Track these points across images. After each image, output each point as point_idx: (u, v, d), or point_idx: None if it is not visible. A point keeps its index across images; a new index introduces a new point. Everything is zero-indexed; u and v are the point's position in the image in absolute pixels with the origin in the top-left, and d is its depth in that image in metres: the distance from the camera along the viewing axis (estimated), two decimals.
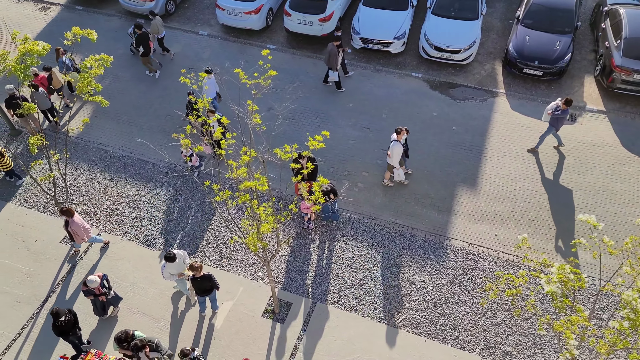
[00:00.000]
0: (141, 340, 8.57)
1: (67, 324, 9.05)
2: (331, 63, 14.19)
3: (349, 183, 12.56)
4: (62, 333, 9.14)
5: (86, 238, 10.74)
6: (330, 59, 14.14)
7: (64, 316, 9.02)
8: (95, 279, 9.45)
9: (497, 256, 11.14)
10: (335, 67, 14.24)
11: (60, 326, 9.00)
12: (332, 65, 14.23)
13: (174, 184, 12.76)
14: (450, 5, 15.84)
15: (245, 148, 7.89)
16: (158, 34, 15.81)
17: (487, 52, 16.14)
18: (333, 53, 14.01)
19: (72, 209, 10.39)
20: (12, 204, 12.52)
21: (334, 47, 13.98)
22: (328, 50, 14.11)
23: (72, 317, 9.16)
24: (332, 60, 14.11)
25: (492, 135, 13.57)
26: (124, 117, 14.60)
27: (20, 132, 14.25)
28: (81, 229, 10.51)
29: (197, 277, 9.25)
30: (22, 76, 9.40)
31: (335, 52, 14.00)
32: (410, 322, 10.17)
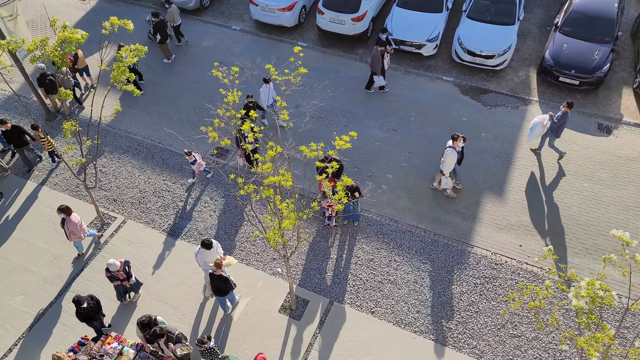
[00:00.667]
0: (161, 329, 8.68)
1: (90, 310, 9.25)
2: (374, 67, 14.05)
3: (373, 184, 12.48)
4: (86, 319, 9.36)
5: (83, 236, 10.81)
6: (373, 63, 14.01)
7: (86, 302, 9.22)
8: (115, 262, 9.63)
9: (520, 267, 10.90)
10: (379, 71, 14.10)
11: (83, 313, 9.21)
12: (375, 69, 14.08)
13: (200, 175, 12.90)
14: (487, 9, 15.56)
15: (271, 143, 7.91)
16: (174, 22, 16.22)
17: (521, 59, 15.80)
18: (377, 57, 13.86)
19: (69, 208, 10.49)
20: (43, 187, 12.88)
21: (377, 51, 13.83)
22: (372, 54, 13.98)
23: (94, 303, 9.36)
24: (375, 64, 13.97)
25: (522, 144, 13.28)
26: (154, 108, 14.85)
27: (56, 117, 14.65)
28: (78, 228, 10.58)
29: (215, 275, 9.32)
30: (60, 62, 9.63)
31: (379, 56, 13.83)
32: (427, 328, 10.04)
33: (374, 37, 16.86)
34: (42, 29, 17.63)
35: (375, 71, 14.17)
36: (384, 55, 13.99)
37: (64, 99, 9.70)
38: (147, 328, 8.89)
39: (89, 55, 16.33)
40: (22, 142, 12.50)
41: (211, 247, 9.65)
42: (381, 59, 13.91)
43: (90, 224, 11.99)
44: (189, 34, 17.26)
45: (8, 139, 12.36)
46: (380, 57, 13.88)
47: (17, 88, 15.46)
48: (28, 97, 15.20)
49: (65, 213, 10.39)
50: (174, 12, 16.00)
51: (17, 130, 12.30)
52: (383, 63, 14.08)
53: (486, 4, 15.63)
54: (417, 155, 13.17)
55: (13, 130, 12.25)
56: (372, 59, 14.01)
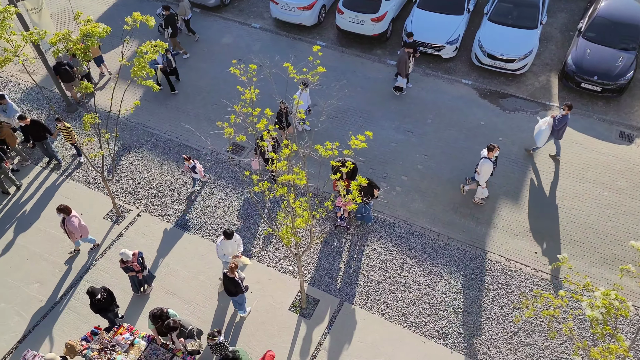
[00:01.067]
0: (175, 321, 8.76)
1: (104, 302, 9.38)
2: (400, 69, 14.03)
3: (387, 186, 12.42)
4: (100, 310, 9.48)
5: (84, 234, 10.87)
6: (399, 65, 13.98)
7: (100, 294, 9.34)
8: (127, 252, 9.74)
9: (535, 274, 10.74)
10: (404, 73, 14.07)
11: (97, 304, 9.34)
12: (401, 71, 14.05)
13: (215, 171, 13.00)
14: (509, 12, 15.37)
15: (286, 141, 7.92)
16: (185, 16, 16.47)
17: (543, 63, 15.58)
18: (403, 59, 13.82)
19: (69, 207, 10.54)
20: (62, 178, 13.09)
21: (404, 53, 13.79)
22: (399, 56, 13.96)
23: (107, 295, 9.48)
24: (401, 67, 13.95)
25: (540, 150, 13.08)
26: (172, 103, 14.99)
27: (76, 109, 14.88)
28: (77, 228, 10.62)
29: (228, 277, 9.36)
30: (82, 56, 9.77)
31: (406, 58, 13.80)
32: (438, 332, 9.96)
33: (393, 38, 16.79)
34: (65, 22, 17.91)
35: (401, 73, 14.11)
36: (409, 58, 13.92)
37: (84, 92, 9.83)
38: (158, 320, 8.98)
39: (110, 49, 16.56)
40: (40, 137, 12.69)
41: (232, 236, 9.69)
42: (407, 61, 13.85)
43: (106, 215, 12.16)
44: (209, 31, 17.40)
45: (27, 133, 12.56)
46: (407, 60, 13.82)
47: (40, 80, 15.74)
48: (50, 88, 15.46)
49: (65, 213, 10.45)
50: (185, 6, 16.29)
51: (36, 125, 12.49)
52: (409, 65, 14.05)
53: (508, 7, 15.44)
54: (433, 158, 13.07)
55: (32, 125, 12.44)
56: (399, 61, 13.95)
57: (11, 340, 10.11)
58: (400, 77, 14.25)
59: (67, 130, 12.58)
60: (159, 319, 8.96)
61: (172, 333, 8.80)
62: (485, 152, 11.13)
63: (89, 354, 8.90)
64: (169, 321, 8.73)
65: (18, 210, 12.38)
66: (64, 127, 12.50)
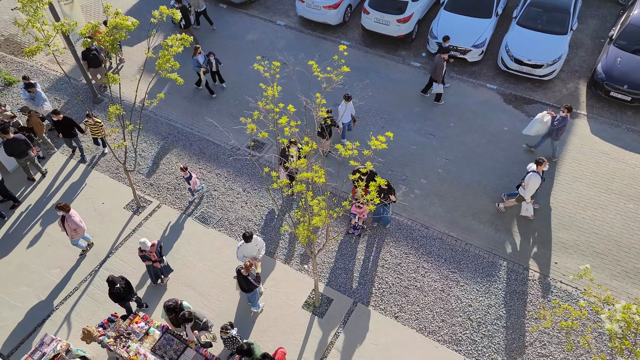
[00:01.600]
0: (190, 313, 8.85)
1: (122, 291, 9.53)
2: (437, 75, 13.69)
3: (406, 188, 12.33)
4: (119, 299, 9.64)
5: (81, 234, 10.83)
6: (436, 71, 13.65)
7: (119, 284, 9.50)
8: (146, 242, 9.87)
9: (554, 285, 10.54)
10: (440, 79, 13.78)
11: (116, 293, 9.49)
12: (437, 77, 13.72)
13: (235, 166, 13.09)
14: (539, 17, 15.09)
15: (307, 139, 7.92)
16: (198, 8, 16.86)
17: (572, 70, 15.27)
18: (440, 65, 13.49)
19: (68, 205, 10.53)
20: (86, 167, 13.35)
21: (441, 59, 13.46)
22: (435, 62, 13.61)
23: (125, 285, 9.62)
24: (438, 72, 13.61)
25: (565, 158, 12.83)
26: (196, 97, 15.14)
27: (102, 100, 15.15)
28: (78, 224, 10.60)
29: (242, 274, 9.41)
30: (110, 47, 9.94)
31: (442, 64, 13.48)
32: (452, 338, 9.85)
33: (418, 40, 16.66)
34: (95, 14, 18.24)
35: (437, 79, 13.76)
36: (445, 63, 13.58)
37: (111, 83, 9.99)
38: (172, 312, 9.08)
39: (137, 42, 16.81)
40: (71, 134, 12.85)
41: (251, 239, 9.64)
42: (443, 67, 13.52)
43: (127, 205, 12.34)
44: (235, 27, 17.53)
45: (58, 128, 12.74)
46: (443, 66, 13.49)
47: (68, 70, 16.07)
48: (78, 79, 15.77)
49: (64, 210, 10.46)
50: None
51: (67, 121, 12.66)
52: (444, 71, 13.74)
53: (538, 11, 15.17)
54: (454, 162, 12.92)
55: (64, 121, 12.60)
56: (436, 66, 13.58)
57: (30, 324, 10.35)
58: (436, 83, 13.88)
59: (98, 125, 12.74)
60: (173, 311, 9.06)
61: (186, 325, 8.89)
62: (533, 166, 10.77)
63: (105, 341, 9.05)
64: (184, 312, 8.82)
65: (42, 196, 12.66)
66: (94, 123, 12.65)
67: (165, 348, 9.03)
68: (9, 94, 15.41)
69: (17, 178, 13.04)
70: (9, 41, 17.59)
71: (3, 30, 18.00)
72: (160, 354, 8.94)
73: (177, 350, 8.99)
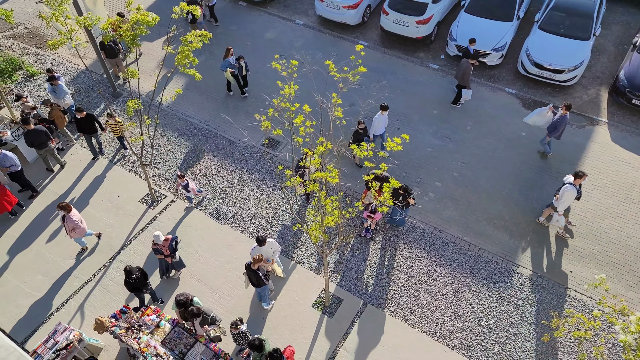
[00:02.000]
0: (198, 308, 8.93)
1: (137, 282, 9.65)
2: (465, 80, 13.39)
3: (420, 191, 12.25)
4: (134, 289, 9.77)
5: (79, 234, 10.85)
6: (464, 76, 13.34)
7: (135, 274, 9.62)
8: (160, 235, 9.96)
9: (568, 294, 10.38)
10: (469, 84, 13.51)
11: (132, 283, 9.62)
12: (466, 82, 13.43)
13: (249, 163, 13.15)
14: (561, 21, 14.87)
15: (322, 139, 7.92)
16: (209, 2, 17.09)
17: (593, 76, 15.02)
18: (468, 70, 13.20)
19: (69, 205, 10.58)
20: (103, 160, 13.53)
21: (468, 64, 13.20)
22: (463, 68, 13.30)
23: (141, 275, 9.75)
24: (466, 78, 13.32)
25: (583, 165, 12.63)
26: (213, 94, 15.24)
27: (121, 95, 15.34)
28: (78, 224, 10.64)
29: (251, 268, 9.45)
30: (131, 43, 10.06)
31: (470, 69, 13.20)
32: (462, 343, 9.77)
33: (437, 42, 16.54)
34: (117, 9, 18.48)
35: (466, 84, 13.49)
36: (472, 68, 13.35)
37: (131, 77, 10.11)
38: (182, 307, 9.16)
39: (157, 38, 16.99)
40: (92, 130, 12.93)
41: (264, 243, 9.61)
42: (471, 72, 13.29)
43: (142, 199, 12.48)
44: (253, 25, 17.60)
45: (80, 126, 12.78)
46: (471, 71, 13.25)
47: (89, 64, 16.30)
48: (98, 73, 16.00)
49: (65, 210, 10.50)
50: None
51: (90, 119, 12.71)
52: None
53: (561, 16, 14.95)
54: (470, 166, 12.81)
55: (87, 118, 12.65)
56: (463, 72, 13.29)
57: (45, 312, 10.53)
58: (466, 89, 13.61)
59: (118, 125, 12.77)
60: (183, 305, 9.14)
61: (194, 320, 8.96)
62: (570, 179, 10.38)
63: (117, 331, 9.16)
64: (192, 308, 8.90)
65: (60, 187, 12.87)
66: (115, 123, 12.66)
67: (175, 341, 9.11)
68: (31, 85, 15.70)
69: (37, 169, 13.28)
70: (32, 34, 17.92)
71: (27, 23, 18.34)
72: (170, 346, 9.03)
73: (186, 344, 9.07)
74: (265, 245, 9.69)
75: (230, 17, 18.07)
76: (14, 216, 12.21)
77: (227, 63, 14.21)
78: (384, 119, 12.03)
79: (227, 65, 14.22)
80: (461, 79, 13.51)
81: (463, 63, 13.33)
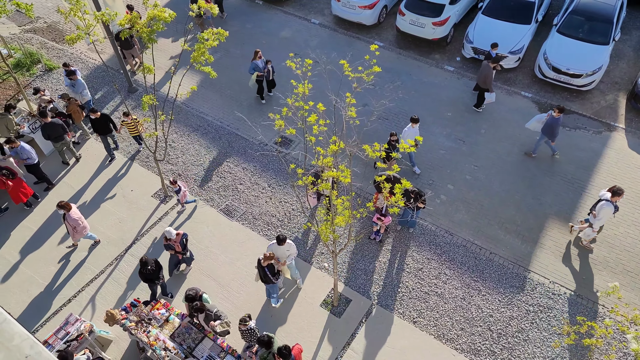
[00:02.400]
0: (201, 304, 9.00)
1: (152, 273, 9.75)
2: (487, 84, 13.23)
3: (432, 193, 12.18)
4: (147, 280, 9.89)
5: (84, 232, 10.92)
6: (486, 80, 13.17)
7: (150, 265, 9.71)
8: (171, 231, 10.04)
9: (580, 301, 10.24)
10: (491, 87, 13.34)
11: (146, 273, 9.72)
12: (488, 86, 13.26)
13: (261, 161, 13.19)
14: (580, 25, 14.67)
15: (335, 138, 7.91)
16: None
17: (612, 82, 14.80)
18: (490, 74, 13.03)
19: (69, 204, 10.55)
20: (118, 154, 13.67)
21: (490, 68, 13.01)
22: (484, 72, 13.10)
23: (155, 267, 9.85)
24: (489, 81, 13.16)
25: (599, 171, 12.45)
26: (227, 92, 15.32)
27: (137, 90, 15.49)
28: (78, 222, 10.64)
29: (262, 264, 9.48)
30: (148, 39, 10.14)
31: (491, 72, 13.05)
32: (470, 347, 9.69)
33: (453, 44, 16.43)
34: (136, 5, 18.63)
35: (488, 88, 13.31)
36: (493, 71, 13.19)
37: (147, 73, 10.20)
38: (191, 301, 9.23)
39: (173, 35, 17.12)
40: (106, 130, 12.91)
41: (283, 242, 9.56)
42: (492, 75, 13.12)
43: (154, 194, 12.59)
44: (269, 24, 17.65)
45: (95, 126, 12.78)
46: (492, 74, 13.09)
47: (107, 59, 16.49)
48: (115, 68, 16.17)
49: (65, 209, 10.49)
50: None
51: (105, 119, 12.69)
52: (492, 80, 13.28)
53: (580, 19, 14.76)
54: (483, 170, 12.71)
55: (101, 118, 12.62)
56: (485, 76, 13.10)
57: (57, 302, 10.67)
58: (488, 93, 13.43)
59: (134, 122, 12.71)
60: (192, 300, 9.21)
61: (199, 315, 9.03)
62: (606, 194, 10.07)
63: (127, 324, 9.26)
64: (196, 303, 8.98)
65: (75, 180, 13.03)
66: (131, 120, 12.62)
67: (184, 336, 9.18)
68: (49, 79, 15.92)
69: (52, 162, 13.46)
70: (51, 28, 18.17)
71: (46, 17, 18.61)
72: (179, 341, 9.09)
73: (195, 339, 9.13)
74: (283, 245, 9.64)
75: (246, 15, 18.15)
76: (29, 207, 12.40)
77: (255, 65, 13.94)
78: (415, 131, 11.74)
79: (255, 67, 13.92)
80: (483, 82, 13.35)
81: (484, 67, 13.17)
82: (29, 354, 3.37)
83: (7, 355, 3.31)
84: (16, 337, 3.47)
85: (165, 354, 8.84)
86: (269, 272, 9.51)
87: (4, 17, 17.57)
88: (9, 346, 3.38)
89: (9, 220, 12.15)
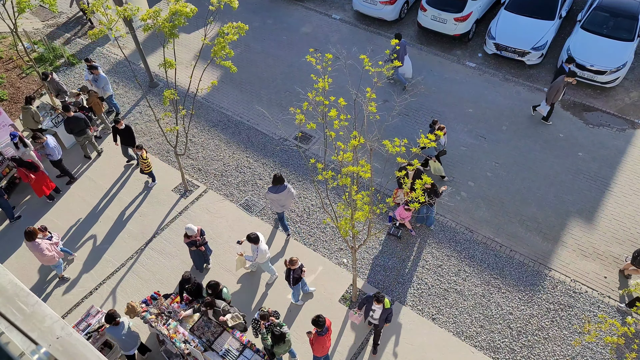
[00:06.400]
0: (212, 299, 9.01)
1: (190, 292, 9.61)
2: (549, 95, 12.65)
3: (452, 189, 12.08)
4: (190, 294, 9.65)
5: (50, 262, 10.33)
6: (550, 91, 12.61)
7: (190, 284, 9.55)
8: (193, 227, 10.13)
9: (601, 300, 10.07)
10: (550, 100, 12.73)
11: (185, 290, 9.64)
12: (549, 97, 12.68)
13: (281, 157, 13.22)
14: (605, 21, 14.38)
15: (355, 133, 7.90)
16: None
17: (636, 79, 14.48)
18: (557, 87, 12.45)
19: (36, 231, 9.92)
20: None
21: (563, 81, 12.39)
22: (556, 86, 12.47)
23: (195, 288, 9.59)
24: (552, 93, 12.55)
25: (623, 169, 12.21)
26: (247, 87, 15.38)
27: (157, 85, 15.65)
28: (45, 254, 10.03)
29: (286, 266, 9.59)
30: (169, 34, 10.23)
31: (561, 87, 12.45)
32: (489, 345, 9.61)
33: (475, 40, 16.24)
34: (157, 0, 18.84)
35: (548, 99, 12.76)
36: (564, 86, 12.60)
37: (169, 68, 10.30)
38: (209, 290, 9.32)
39: (194, 30, 17.24)
40: (131, 142, 12.71)
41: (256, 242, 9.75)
42: (561, 90, 12.57)
43: (175, 188, 12.72)
44: (290, 19, 17.66)
45: (120, 136, 12.60)
46: (561, 88, 12.51)
47: (128, 54, 16.69)
48: (136, 63, 16.35)
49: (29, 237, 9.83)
50: None
51: (129, 131, 12.54)
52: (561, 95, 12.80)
53: (605, 15, 14.46)
54: (504, 167, 12.56)
55: (126, 129, 12.48)
56: (557, 90, 12.49)
57: (78, 295, 10.87)
58: (545, 103, 12.93)
59: (145, 161, 12.20)
60: (213, 289, 9.28)
61: (207, 309, 9.07)
62: None
63: (147, 317, 9.38)
64: (206, 298, 9.04)
65: (97, 174, 13.24)
66: (143, 159, 12.10)
67: (203, 329, 9.26)
68: (71, 74, 16.18)
69: (74, 155, 13.69)
70: (74, 23, 18.43)
71: (69, 13, 18.89)
72: (198, 334, 9.18)
73: (214, 333, 9.20)
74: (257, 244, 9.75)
75: (267, 10, 18.19)
76: (52, 200, 12.63)
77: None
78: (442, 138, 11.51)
79: None
80: (553, 96, 12.66)
81: (559, 80, 12.49)
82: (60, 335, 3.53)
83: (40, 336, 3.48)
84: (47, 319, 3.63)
85: (184, 346, 8.93)
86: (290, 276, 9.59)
87: (27, 12, 17.90)
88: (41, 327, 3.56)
89: (32, 213, 12.39)
